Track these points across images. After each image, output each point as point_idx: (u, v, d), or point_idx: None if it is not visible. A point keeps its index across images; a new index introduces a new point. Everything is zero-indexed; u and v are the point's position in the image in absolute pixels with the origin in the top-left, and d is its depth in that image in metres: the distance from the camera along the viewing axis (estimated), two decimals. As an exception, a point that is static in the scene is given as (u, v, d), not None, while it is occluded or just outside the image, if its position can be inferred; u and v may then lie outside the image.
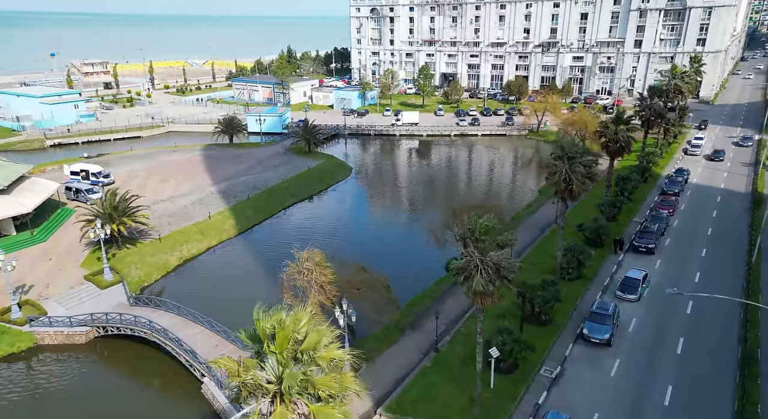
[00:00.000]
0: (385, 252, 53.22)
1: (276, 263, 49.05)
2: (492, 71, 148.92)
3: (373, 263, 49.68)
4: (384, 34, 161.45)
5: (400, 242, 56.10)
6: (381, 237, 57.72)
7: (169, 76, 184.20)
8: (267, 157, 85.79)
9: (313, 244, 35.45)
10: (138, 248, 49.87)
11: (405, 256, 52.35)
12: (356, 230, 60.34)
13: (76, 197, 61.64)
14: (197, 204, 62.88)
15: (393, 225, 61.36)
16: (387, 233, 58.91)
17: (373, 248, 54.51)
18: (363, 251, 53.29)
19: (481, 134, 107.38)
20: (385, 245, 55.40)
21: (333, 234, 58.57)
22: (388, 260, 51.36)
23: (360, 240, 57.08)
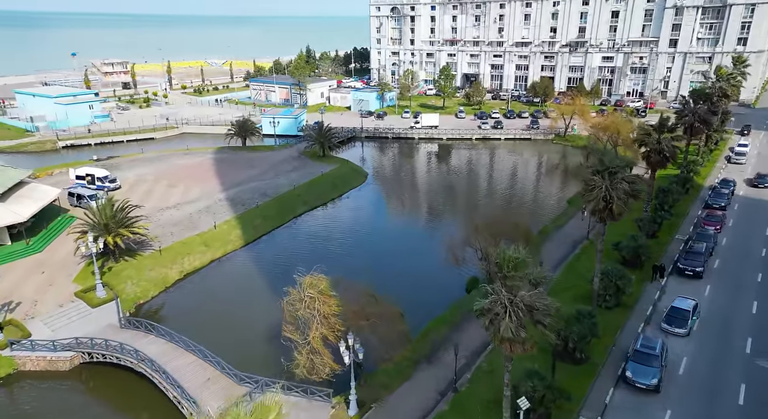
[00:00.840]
0: (398, 268, 49.12)
1: (281, 279, 45.51)
2: (516, 72, 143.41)
3: (385, 281, 45.82)
4: (404, 34, 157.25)
5: (416, 257, 51.84)
6: (395, 251, 53.56)
7: (187, 76, 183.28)
8: (280, 161, 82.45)
9: (318, 268, 31.51)
10: (136, 261, 46.75)
11: (421, 273, 48.22)
12: (368, 242, 56.33)
13: (78, 203, 59.09)
14: (204, 212, 59.72)
15: (408, 238, 57.10)
16: (402, 246, 54.70)
17: (386, 263, 50.47)
18: (375, 266, 49.34)
19: (504, 137, 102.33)
20: (398, 260, 51.25)
21: (343, 245, 54.80)
22: (402, 277, 47.34)
23: (372, 254, 53.08)
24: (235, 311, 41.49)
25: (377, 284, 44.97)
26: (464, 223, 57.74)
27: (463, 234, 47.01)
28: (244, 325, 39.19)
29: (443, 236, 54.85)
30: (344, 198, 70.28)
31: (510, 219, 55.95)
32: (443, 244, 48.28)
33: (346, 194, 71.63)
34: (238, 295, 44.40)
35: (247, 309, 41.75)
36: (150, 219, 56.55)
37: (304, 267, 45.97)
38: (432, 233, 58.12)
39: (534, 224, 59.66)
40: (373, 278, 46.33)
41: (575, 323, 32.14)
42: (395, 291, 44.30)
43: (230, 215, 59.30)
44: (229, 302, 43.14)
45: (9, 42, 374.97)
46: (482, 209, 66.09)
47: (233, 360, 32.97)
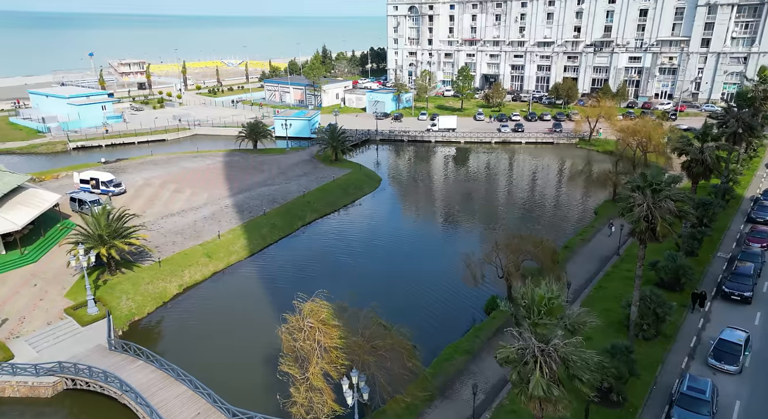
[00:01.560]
0: (411, 284, 45.63)
1: (284, 295, 42.41)
2: (537, 73, 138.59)
3: (396, 299, 42.59)
4: (422, 34, 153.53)
5: (431, 272, 48.25)
6: (408, 265, 49.98)
7: (203, 76, 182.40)
8: (290, 165, 79.57)
9: (320, 293, 28.20)
10: (134, 274, 44.09)
11: (436, 291, 44.65)
12: (380, 254, 52.84)
13: (80, 209, 56.88)
14: (209, 220, 57.01)
15: (423, 250, 53.41)
16: (415, 259, 51.12)
17: (398, 278, 47.02)
18: (386, 281, 45.95)
19: (525, 141, 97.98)
20: (411, 275, 47.72)
21: (353, 256, 51.51)
22: (415, 295, 43.87)
23: (383, 268, 49.62)
24: (233, 334, 38.44)
25: (388, 303, 41.77)
26: (483, 236, 54.10)
27: (481, 245, 43.37)
28: (241, 351, 36.12)
29: (460, 250, 51.14)
30: (356, 205, 67.00)
31: (533, 233, 52.27)
32: (461, 259, 44.70)
33: (358, 201, 68.35)
34: (238, 314, 41.33)
35: (245, 331, 38.67)
36: (152, 227, 54.24)
37: (308, 286, 42.93)
38: (448, 246, 54.41)
39: (558, 237, 55.73)
40: (383, 297, 43.18)
41: (610, 358, 28.26)
42: (407, 311, 41.15)
43: (236, 223, 56.48)
44: (227, 322, 40.10)
45: (30, 42, 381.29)
46: (502, 219, 62.15)
47: (226, 391, 29.89)
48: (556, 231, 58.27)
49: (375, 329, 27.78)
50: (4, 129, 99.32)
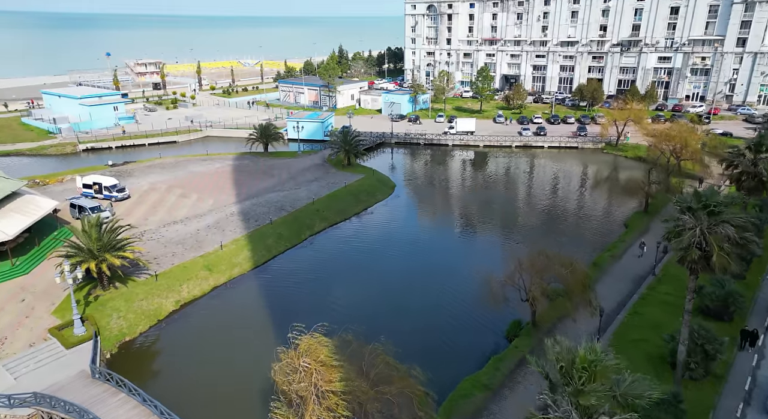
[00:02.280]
0: (424, 305, 41.95)
1: (286, 316, 39.28)
2: (560, 73, 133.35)
3: (407, 319, 39.04)
4: (441, 33, 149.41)
5: (446, 290, 44.46)
6: (421, 282, 46.21)
7: (218, 76, 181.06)
8: (301, 170, 76.47)
9: (320, 327, 24.70)
10: (127, 289, 41.27)
11: (451, 312, 40.89)
12: (390, 268, 49.18)
13: (80, 216, 54.43)
14: (212, 228, 54.12)
15: (438, 266, 49.50)
16: (429, 276, 47.27)
17: (410, 296, 43.35)
18: (396, 300, 42.34)
19: (547, 145, 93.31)
20: (425, 293, 44.00)
21: (361, 270, 48.03)
22: (428, 317, 40.17)
23: (394, 284, 45.89)
24: (227, 362, 35.17)
25: (398, 324, 38.41)
26: (504, 251, 49.95)
27: (504, 267, 39.47)
28: (235, 383, 32.87)
29: (479, 266, 47.23)
30: (368, 213, 63.47)
31: (557, 247, 48.07)
32: (479, 277, 40.85)
33: (370, 209, 64.85)
34: (234, 338, 38.03)
35: (241, 359, 35.34)
36: (153, 236, 51.58)
37: (312, 306, 39.85)
38: (466, 261, 50.45)
39: (585, 252, 51.47)
40: (393, 317, 39.71)
41: (655, 409, 24.21)
42: (420, 334, 37.60)
43: (240, 232, 53.46)
44: (223, 347, 36.87)
45: (52, 42, 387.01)
46: (524, 231, 58.01)
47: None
48: (583, 245, 53.94)
49: (382, 369, 24.19)
50: (16, 130, 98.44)
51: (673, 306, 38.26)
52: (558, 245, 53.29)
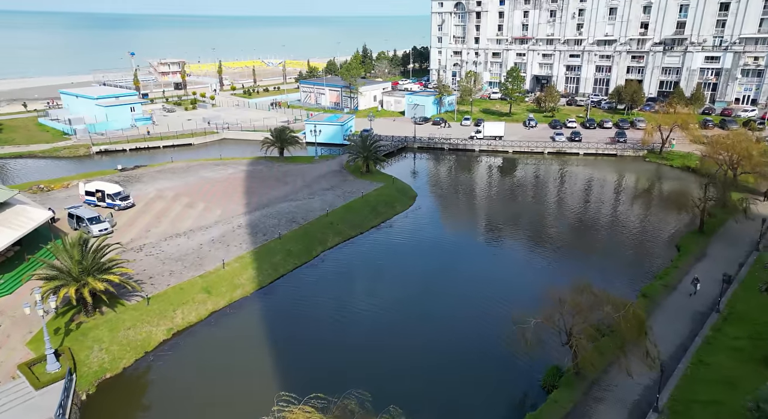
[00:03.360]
0: (445, 341, 36.59)
1: (288, 349, 34.81)
2: (596, 74, 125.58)
3: (425, 360, 33.86)
4: (468, 32, 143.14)
5: (471, 325, 38.95)
6: (441, 312, 40.74)
7: (241, 76, 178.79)
8: (317, 177, 71.88)
9: (312, 401, 19.73)
10: (115, 315, 37.19)
11: (477, 353, 35.37)
12: (407, 294, 43.84)
13: (78, 226, 51.03)
14: (216, 243, 49.88)
15: (461, 294, 43.70)
16: (451, 306, 41.71)
17: (429, 330, 37.99)
18: (412, 337, 37.07)
19: (583, 152, 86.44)
20: (446, 326, 38.63)
21: (373, 295, 42.79)
22: (450, 356, 34.81)
23: (410, 315, 40.59)
24: (221, 404, 30.61)
25: (414, 365, 33.28)
26: (539, 279, 43.86)
27: (539, 298, 33.84)
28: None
29: (509, 297, 41.70)
30: (385, 227, 58.31)
31: (600, 274, 42.20)
32: (509, 310, 35.27)
33: (388, 221, 59.73)
34: (231, 374, 33.51)
35: (239, 400, 30.73)
36: (152, 251, 47.64)
37: (315, 341, 34.91)
38: (494, 289, 44.62)
39: (629, 278, 45.41)
40: (408, 358, 34.49)
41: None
42: (440, 378, 32.37)
43: (246, 247, 49.07)
44: (216, 385, 32.36)
45: (82, 42, 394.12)
46: (561, 251, 51.93)
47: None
48: (627, 269, 47.72)
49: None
50: (31, 130, 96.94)
51: (747, 355, 32.06)
52: (599, 268, 47.51)
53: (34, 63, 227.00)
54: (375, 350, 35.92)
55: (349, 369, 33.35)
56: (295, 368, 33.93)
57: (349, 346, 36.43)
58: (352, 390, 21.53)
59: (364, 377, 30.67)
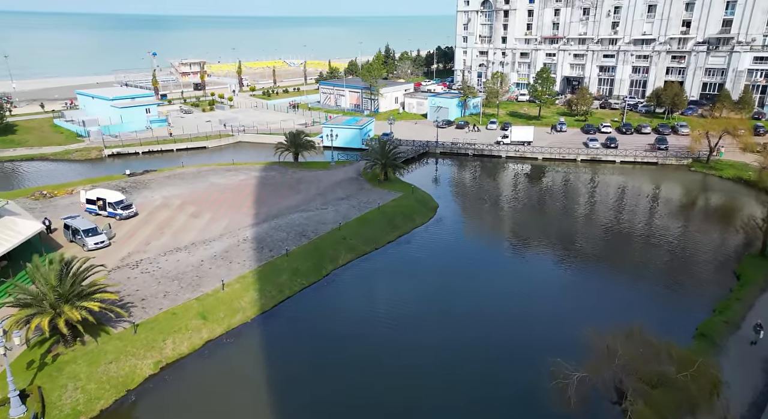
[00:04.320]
0: (468, 393, 31.51)
1: (288, 387, 30.40)
2: (632, 75, 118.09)
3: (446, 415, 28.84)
4: (495, 31, 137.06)
5: (498, 372, 33.82)
6: (464, 359, 35.58)
7: (261, 77, 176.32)
8: (332, 185, 67.53)
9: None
10: (97, 345, 33.36)
11: (507, 410, 30.22)
12: (422, 327, 38.86)
13: (74, 238, 47.74)
14: (219, 259, 45.90)
15: (487, 330, 38.46)
16: (476, 348, 36.52)
17: (448, 383, 32.86)
18: (430, 383, 32.10)
19: (620, 160, 79.96)
20: (470, 373, 33.54)
21: (386, 323, 37.97)
22: (475, 413, 29.70)
23: (426, 357, 35.63)
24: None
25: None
26: (578, 309, 38.25)
27: (577, 335, 28.57)
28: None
29: (544, 335, 36.33)
30: (403, 242, 53.45)
31: (646, 306, 36.58)
32: (546, 358, 30.02)
33: (406, 235, 54.88)
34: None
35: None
36: (148, 268, 43.92)
37: (320, 382, 30.29)
38: (526, 325, 39.21)
39: (681, 309, 39.61)
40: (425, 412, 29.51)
41: None
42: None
43: (250, 265, 44.95)
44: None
45: (108, 42, 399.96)
46: (601, 276, 46.24)
47: None
48: (679, 299, 41.89)
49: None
50: (46, 132, 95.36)
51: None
52: (645, 294, 41.81)
53: (59, 63, 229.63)
54: (391, 392, 31.18)
55: (363, 415, 28.77)
56: (297, 408, 29.55)
57: (361, 387, 31.81)
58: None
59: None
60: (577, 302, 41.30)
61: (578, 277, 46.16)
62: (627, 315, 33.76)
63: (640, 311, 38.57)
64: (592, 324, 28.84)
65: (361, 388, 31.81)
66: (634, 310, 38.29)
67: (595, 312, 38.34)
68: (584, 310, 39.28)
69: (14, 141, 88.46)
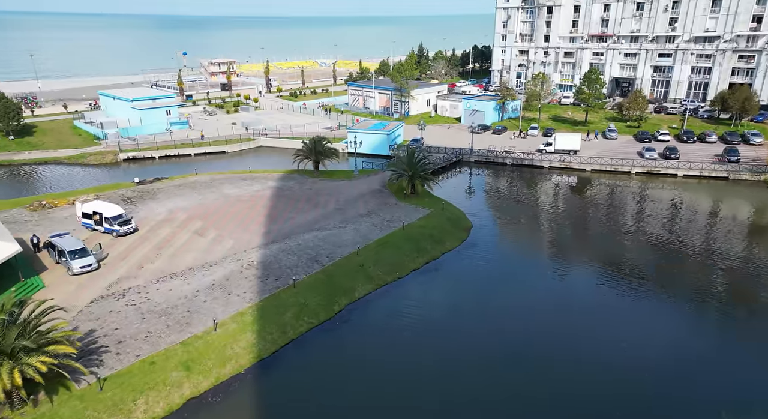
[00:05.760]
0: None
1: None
2: (691, 76, 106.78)
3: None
4: (537, 28, 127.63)
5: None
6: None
7: (290, 77, 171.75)
8: (353, 198, 60.83)
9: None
10: (52, 407, 27.55)
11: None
12: (458, 386, 31.58)
13: (59, 260, 42.66)
14: (217, 289, 39.86)
15: (536, 389, 31.18)
16: (520, 404, 29.16)
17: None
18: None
19: (683, 174, 70.16)
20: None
21: (410, 382, 30.73)
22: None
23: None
24: None
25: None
26: (645, 357, 30.22)
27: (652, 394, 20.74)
28: None
29: (612, 394, 28.39)
30: (430, 270, 46.16)
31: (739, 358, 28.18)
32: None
33: (435, 261, 47.59)
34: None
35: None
36: (135, 299, 38.26)
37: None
38: (584, 381, 31.53)
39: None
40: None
41: None
42: None
43: (250, 298, 38.68)
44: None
45: (150, 43, 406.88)
46: (684, 318, 37.68)
47: None
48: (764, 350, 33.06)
49: None
50: (64, 134, 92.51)
51: None
52: (737, 345, 33.22)
53: (93, 63, 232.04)
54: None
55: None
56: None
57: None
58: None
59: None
60: (660, 351, 33.02)
61: (653, 315, 37.74)
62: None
63: (741, 357, 30.35)
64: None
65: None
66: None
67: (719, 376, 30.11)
68: (674, 366, 31.05)
69: (31, 143, 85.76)
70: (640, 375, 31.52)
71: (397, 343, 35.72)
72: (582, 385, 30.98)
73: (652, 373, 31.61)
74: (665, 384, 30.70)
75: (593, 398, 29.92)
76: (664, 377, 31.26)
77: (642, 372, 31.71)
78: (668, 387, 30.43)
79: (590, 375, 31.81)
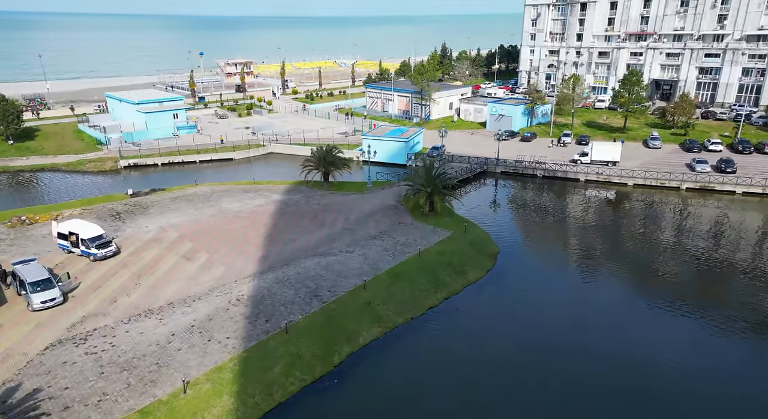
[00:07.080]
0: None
1: None
2: (742, 78, 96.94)
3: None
4: (570, 26, 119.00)
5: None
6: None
7: (308, 78, 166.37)
8: (364, 216, 54.16)
9: None
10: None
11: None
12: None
13: (20, 292, 37.11)
14: (196, 333, 33.69)
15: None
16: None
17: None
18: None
19: (742, 191, 61.43)
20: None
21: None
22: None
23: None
24: None
25: None
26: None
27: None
28: None
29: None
30: (449, 309, 39.10)
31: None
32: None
33: (455, 297, 40.56)
34: None
35: None
36: (101, 341, 32.61)
37: None
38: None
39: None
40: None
41: None
42: None
43: (233, 347, 32.36)
44: None
45: (173, 43, 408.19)
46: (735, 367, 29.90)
47: None
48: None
49: None
50: (67, 138, 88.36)
51: None
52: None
53: (110, 64, 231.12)
54: None
55: None
56: None
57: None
58: None
59: None
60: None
61: (700, 362, 30.03)
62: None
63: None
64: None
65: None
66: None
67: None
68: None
69: (30, 148, 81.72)
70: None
71: (410, 408, 28.85)
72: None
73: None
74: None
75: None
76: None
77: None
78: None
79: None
